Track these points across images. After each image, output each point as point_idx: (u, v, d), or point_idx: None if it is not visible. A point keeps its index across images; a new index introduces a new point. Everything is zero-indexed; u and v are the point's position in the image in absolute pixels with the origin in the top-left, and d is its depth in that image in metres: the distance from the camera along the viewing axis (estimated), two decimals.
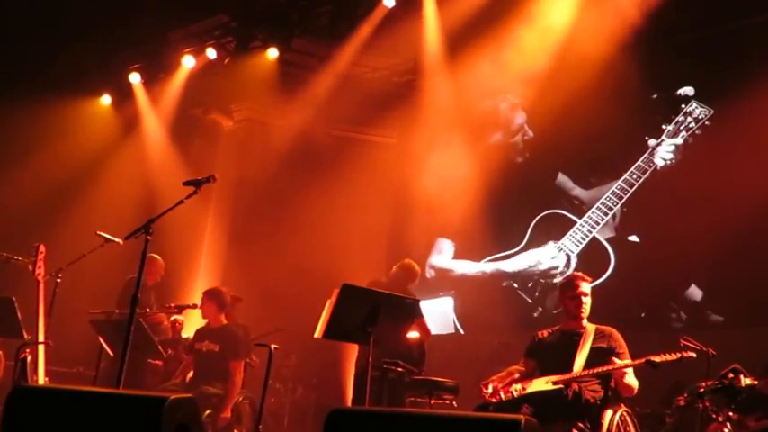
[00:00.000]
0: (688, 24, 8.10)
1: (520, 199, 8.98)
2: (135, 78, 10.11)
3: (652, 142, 8.06)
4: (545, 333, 4.73)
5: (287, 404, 8.96)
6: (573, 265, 8.36)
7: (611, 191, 8.23)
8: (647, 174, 8.03)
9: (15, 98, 8.71)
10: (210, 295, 6.35)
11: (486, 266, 9.26)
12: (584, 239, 8.33)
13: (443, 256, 9.72)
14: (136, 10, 8.98)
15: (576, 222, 8.44)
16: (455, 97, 9.60)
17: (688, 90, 8.16)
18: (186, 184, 4.59)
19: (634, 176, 8.09)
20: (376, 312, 4.36)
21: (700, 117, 7.83)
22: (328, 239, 9.84)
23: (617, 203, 8.16)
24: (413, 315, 4.91)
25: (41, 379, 5.07)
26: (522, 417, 2.43)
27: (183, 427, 2.49)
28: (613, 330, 4.64)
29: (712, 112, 7.74)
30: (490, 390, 4.40)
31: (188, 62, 9.78)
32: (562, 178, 8.66)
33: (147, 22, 9.14)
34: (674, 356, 4.20)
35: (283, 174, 10.21)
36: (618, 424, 4.21)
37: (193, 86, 10.08)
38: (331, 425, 2.63)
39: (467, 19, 8.65)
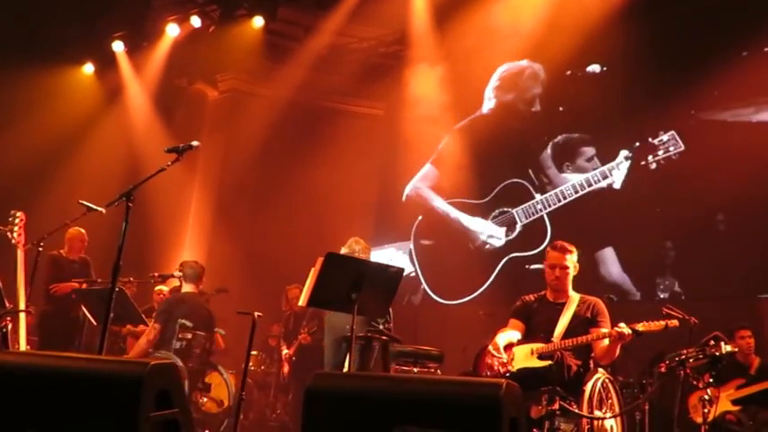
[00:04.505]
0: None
1: (507, 159, 9.35)
2: (118, 47, 9.97)
3: (623, 153, 8.20)
4: (531, 297, 4.73)
5: (273, 374, 8.98)
6: (517, 229, 9.01)
7: (571, 183, 8.65)
8: (604, 182, 8.31)
9: None
10: (180, 266, 6.70)
11: (450, 209, 9.76)
12: (534, 214, 8.92)
13: (426, 182, 10.11)
14: None
15: (534, 198, 8.97)
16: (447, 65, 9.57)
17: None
18: (168, 151, 4.53)
19: (595, 178, 8.43)
20: (360, 280, 4.35)
21: (670, 150, 7.81)
22: (315, 210, 9.81)
23: (572, 195, 8.61)
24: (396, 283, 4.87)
25: (23, 347, 5.04)
26: (503, 381, 2.45)
27: (164, 393, 2.47)
28: (598, 300, 4.63)
29: (682, 149, 7.74)
30: (496, 364, 4.35)
31: (172, 30, 9.64)
32: (546, 154, 8.97)
33: None
34: (659, 324, 4.19)
35: (269, 144, 10.12)
36: (600, 391, 4.24)
37: (178, 55, 9.95)
38: (314, 388, 2.64)
39: None
